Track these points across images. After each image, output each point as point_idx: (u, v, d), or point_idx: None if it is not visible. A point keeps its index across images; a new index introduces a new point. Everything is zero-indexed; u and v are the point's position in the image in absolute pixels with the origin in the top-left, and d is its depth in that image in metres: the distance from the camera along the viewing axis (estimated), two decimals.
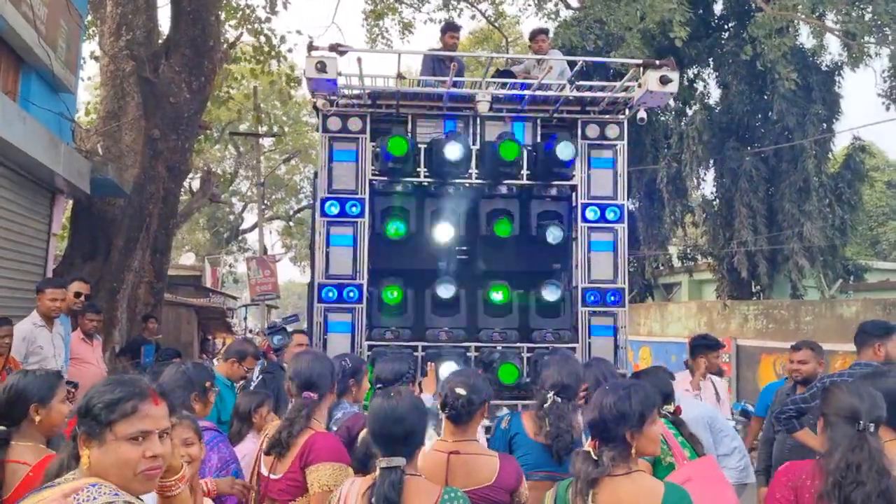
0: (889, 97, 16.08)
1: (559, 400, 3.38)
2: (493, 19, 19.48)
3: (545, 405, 3.38)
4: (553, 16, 17.97)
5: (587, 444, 2.46)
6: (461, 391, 2.88)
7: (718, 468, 3.16)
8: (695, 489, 2.54)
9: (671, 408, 3.52)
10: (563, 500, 2.47)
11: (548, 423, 3.32)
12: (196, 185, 18.93)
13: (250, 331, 24.51)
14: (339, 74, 5.22)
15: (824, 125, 17.73)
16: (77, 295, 6.46)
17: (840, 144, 20.49)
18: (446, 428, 2.94)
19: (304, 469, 2.71)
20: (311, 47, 5.06)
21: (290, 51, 14.17)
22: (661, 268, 23.12)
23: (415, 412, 2.47)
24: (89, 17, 11.46)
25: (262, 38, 13.63)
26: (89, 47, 12.80)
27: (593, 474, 2.36)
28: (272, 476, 2.82)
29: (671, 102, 18.53)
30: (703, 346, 6.04)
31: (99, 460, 1.79)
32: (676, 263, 24.02)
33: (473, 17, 19.48)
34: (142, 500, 1.82)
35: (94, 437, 1.81)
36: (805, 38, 17.54)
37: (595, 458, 2.39)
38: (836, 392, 2.59)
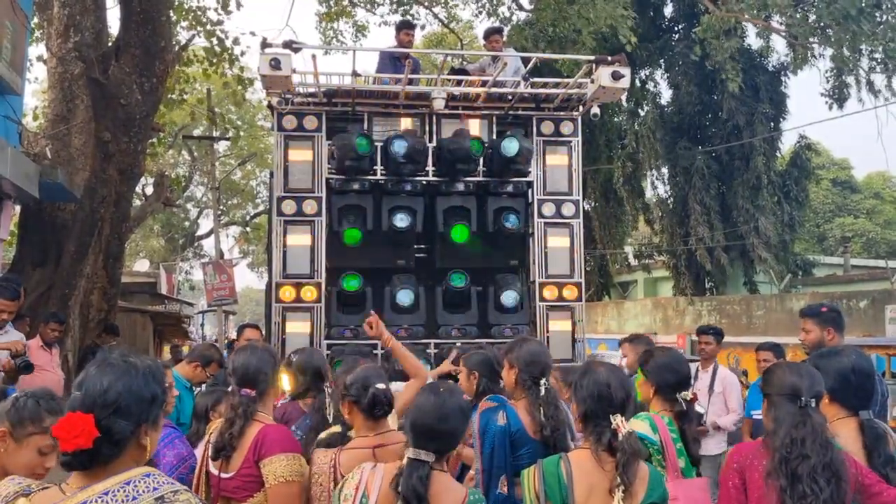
0: (832, 97, 16.56)
1: (549, 387, 3.29)
2: (447, 22, 19.55)
3: (540, 395, 3.24)
4: (506, 21, 18.13)
5: (619, 424, 2.46)
6: (381, 385, 2.87)
7: (708, 493, 3.04)
8: None
9: (688, 395, 3.18)
10: (554, 475, 2.50)
11: (542, 414, 3.21)
12: (150, 189, 18.61)
13: (213, 339, 24.16)
14: (294, 72, 5.20)
15: (772, 124, 18.22)
16: None
17: (787, 143, 21.07)
18: (363, 424, 2.89)
19: (258, 463, 2.68)
20: (264, 44, 5.04)
21: (242, 53, 14.03)
22: (619, 266, 23.48)
23: (459, 414, 2.47)
24: (36, 20, 11.20)
25: (215, 40, 13.47)
26: (36, 50, 12.53)
27: (641, 453, 2.45)
28: (223, 475, 2.77)
29: (624, 103, 18.87)
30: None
31: (154, 442, 1.81)
32: (633, 262, 24.41)
33: (423, 27, 19.47)
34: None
35: (157, 420, 1.82)
36: (752, 40, 18.00)
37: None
38: (776, 372, 2.67)
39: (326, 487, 2.70)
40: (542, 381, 3.26)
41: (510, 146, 5.63)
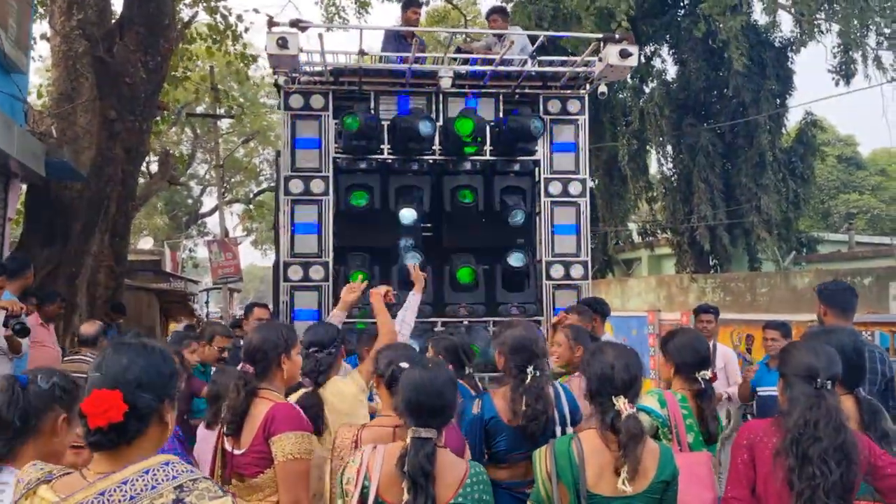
0: (839, 73, 16.42)
1: (538, 374, 3.28)
2: None
3: (525, 382, 3.24)
4: None
5: (622, 405, 2.48)
6: (404, 365, 2.86)
7: (710, 467, 3.05)
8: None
9: (707, 374, 3.20)
10: (565, 455, 2.52)
11: (524, 402, 3.21)
12: (154, 168, 18.63)
13: (219, 315, 24.25)
14: (301, 51, 5.19)
15: (778, 101, 18.08)
16: None
17: (793, 120, 20.91)
18: (388, 402, 2.92)
19: (268, 440, 2.73)
20: (271, 23, 5.03)
21: (246, 30, 13.95)
22: (622, 244, 23.46)
23: (450, 386, 2.51)
24: None
25: (219, 17, 13.40)
26: (40, 28, 12.47)
27: (647, 432, 2.50)
28: (236, 451, 2.83)
29: (629, 80, 18.75)
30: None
31: (173, 419, 1.83)
32: (636, 239, 24.39)
33: (427, 2, 19.23)
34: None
35: (174, 398, 1.83)
36: (758, 15, 17.82)
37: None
38: (793, 352, 2.67)
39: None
40: (529, 369, 3.26)
41: (538, 126, 5.68)
